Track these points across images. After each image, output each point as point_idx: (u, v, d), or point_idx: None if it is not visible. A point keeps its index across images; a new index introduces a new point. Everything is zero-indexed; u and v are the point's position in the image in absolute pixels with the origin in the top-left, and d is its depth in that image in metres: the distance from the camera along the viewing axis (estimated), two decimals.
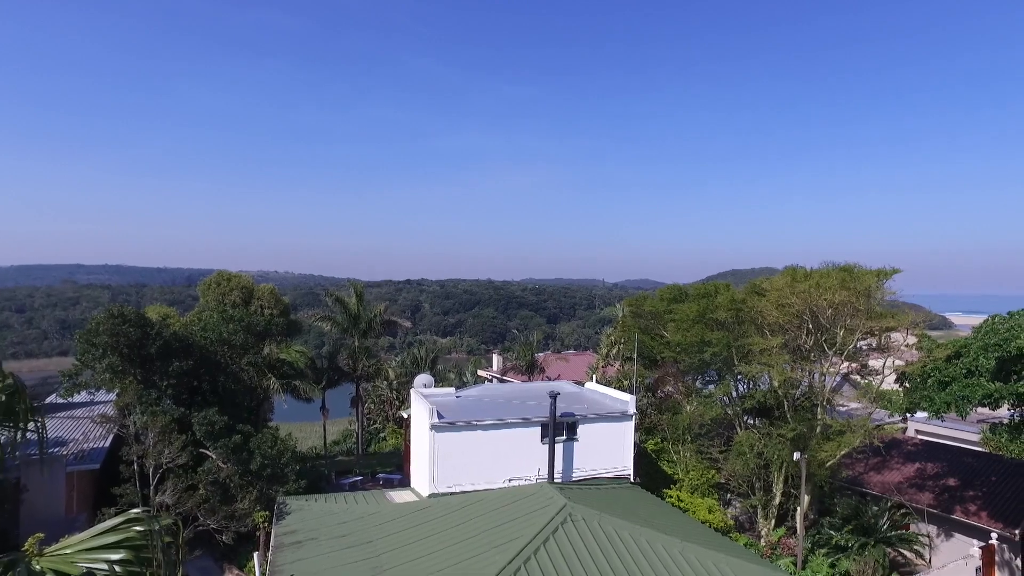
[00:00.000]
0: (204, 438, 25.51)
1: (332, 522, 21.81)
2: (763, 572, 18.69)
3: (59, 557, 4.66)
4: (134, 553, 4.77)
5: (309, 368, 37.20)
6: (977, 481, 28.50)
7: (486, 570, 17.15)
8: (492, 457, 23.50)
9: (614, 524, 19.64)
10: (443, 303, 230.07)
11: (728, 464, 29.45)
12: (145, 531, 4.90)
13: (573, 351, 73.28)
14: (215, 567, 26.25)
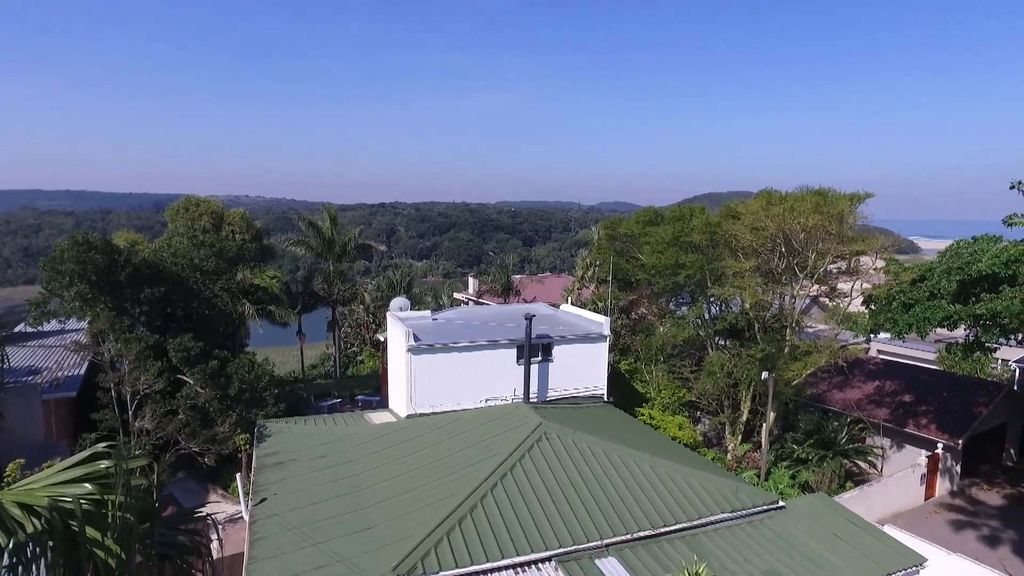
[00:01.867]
0: (180, 364, 25.50)
1: (312, 443, 22.24)
2: (728, 484, 19.64)
3: (25, 491, 4.66)
4: (100, 488, 4.79)
5: (284, 293, 36.98)
6: (930, 397, 29.90)
7: (464, 486, 17.77)
8: (468, 378, 23.89)
9: (588, 441, 20.32)
10: (418, 226, 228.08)
11: (699, 383, 30.40)
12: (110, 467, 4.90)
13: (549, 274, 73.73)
14: (199, 488, 26.88)
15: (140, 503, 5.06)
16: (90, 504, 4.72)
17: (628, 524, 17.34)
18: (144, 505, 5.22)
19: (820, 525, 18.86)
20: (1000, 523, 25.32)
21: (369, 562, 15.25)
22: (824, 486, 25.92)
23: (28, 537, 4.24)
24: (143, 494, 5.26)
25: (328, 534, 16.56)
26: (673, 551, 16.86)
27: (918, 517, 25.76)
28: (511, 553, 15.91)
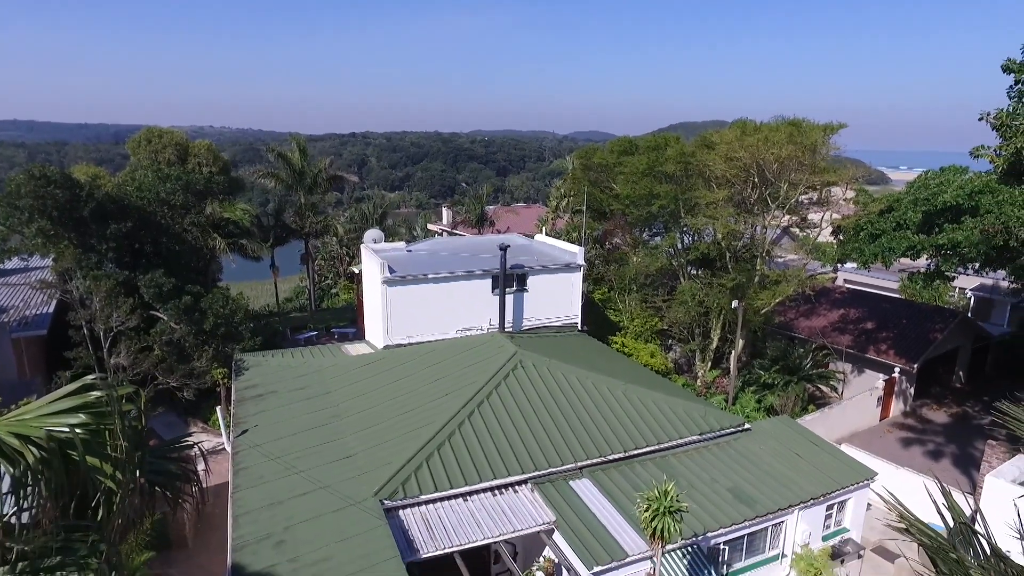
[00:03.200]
0: (153, 300, 25.24)
1: (290, 375, 22.48)
2: (697, 408, 20.47)
3: (19, 422, 4.73)
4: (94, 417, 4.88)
5: (255, 226, 36.38)
6: (890, 324, 31.04)
7: (441, 414, 18.27)
8: (444, 309, 24.11)
9: (562, 369, 20.87)
10: (390, 156, 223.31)
11: (670, 312, 31.08)
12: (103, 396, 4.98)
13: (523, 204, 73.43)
14: (179, 422, 27.15)
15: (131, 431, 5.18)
16: (86, 433, 4.82)
17: (601, 448, 18.08)
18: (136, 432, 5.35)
19: (783, 445, 19.88)
20: (944, 439, 26.94)
21: (351, 488, 15.78)
22: (788, 409, 27.12)
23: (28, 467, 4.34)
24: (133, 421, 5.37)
25: (310, 462, 17.02)
26: (644, 472, 17.71)
27: (873, 436, 27.23)
28: (488, 477, 16.57)
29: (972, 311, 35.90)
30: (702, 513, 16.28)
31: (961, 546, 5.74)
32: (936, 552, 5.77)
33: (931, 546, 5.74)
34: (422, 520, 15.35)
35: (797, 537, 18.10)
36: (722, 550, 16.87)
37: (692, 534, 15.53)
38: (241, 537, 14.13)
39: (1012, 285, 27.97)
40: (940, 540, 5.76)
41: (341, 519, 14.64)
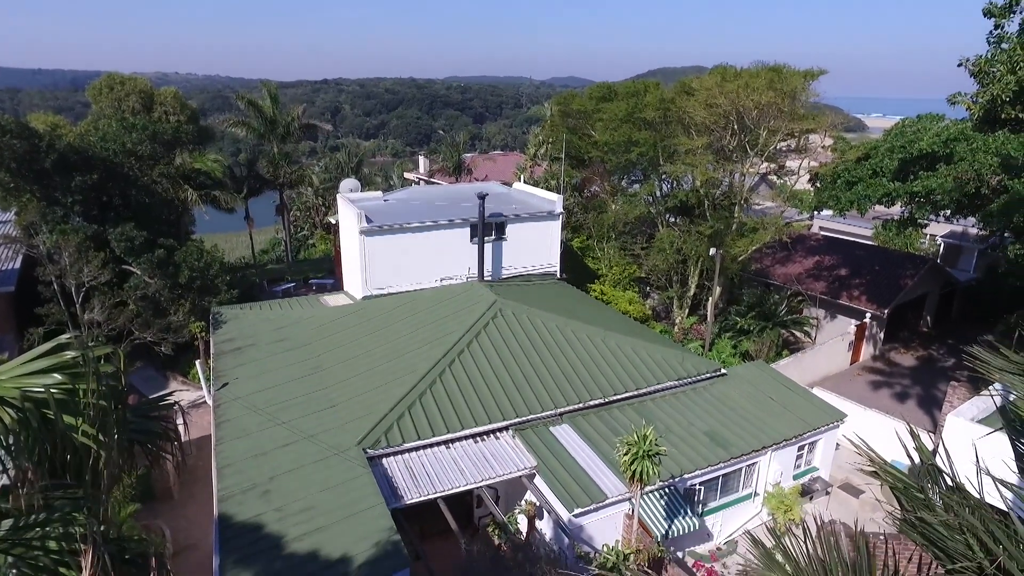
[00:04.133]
0: (125, 254, 24.72)
1: (269, 328, 22.36)
2: (674, 354, 20.84)
3: None
4: (70, 377, 4.81)
5: (227, 177, 35.54)
6: (863, 270, 31.60)
7: (422, 364, 18.39)
8: (423, 258, 23.99)
9: (541, 317, 21.02)
10: (364, 104, 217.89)
11: (649, 260, 31.28)
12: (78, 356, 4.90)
13: (500, 152, 72.53)
14: (158, 376, 27.02)
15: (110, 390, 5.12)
16: (62, 393, 4.76)
17: (581, 394, 18.40)
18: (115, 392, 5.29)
19: (757, 389, 20.40)
20: (910, 381, 27.86)
21: (334, 438, 15.94)
22: (763, 354, 27.73)
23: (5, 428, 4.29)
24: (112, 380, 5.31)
25: (292, 414, 17.11)
26: (623, 417, 18.11)
27: (844, 379, 28.05)
28: (470, 424, 16.83)
29: (941, 258, 36.64)
30: (679, 456, 16.77)
31: (926, 483, 5.98)
32: (902, 491, 6.01)
33: (898, 486, 5.98)
34: (405, 468, 15.62)
35: (769, 476, 18.79)
36: (698, 490, 17.46)
37: (669, 476, 16.03)
38: (226, 488, 14.27)
39: (980, 232, 28.52)
40: (906, 479, 5.99)
41: (325, 468, 14.83)
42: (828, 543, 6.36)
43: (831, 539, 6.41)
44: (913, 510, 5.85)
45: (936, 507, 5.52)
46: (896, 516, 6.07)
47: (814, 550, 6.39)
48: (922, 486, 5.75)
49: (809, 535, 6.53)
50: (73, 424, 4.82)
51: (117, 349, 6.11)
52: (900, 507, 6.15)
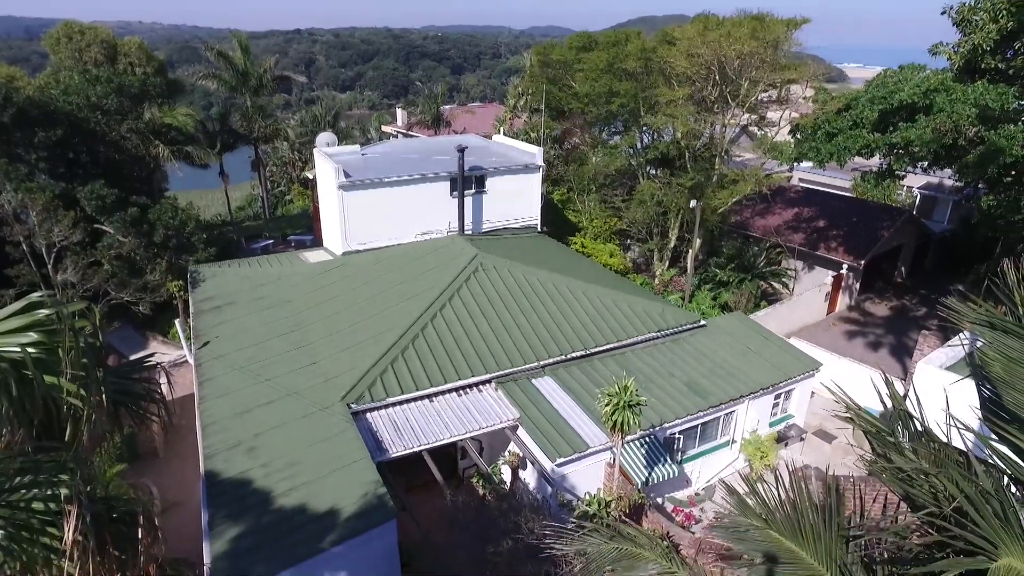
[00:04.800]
0: (96, 213, 24.14)
1: (248, 286, 22.16)
2: (655, 306, 21.06)
3: None
4: (47, 335, 4.73)
5: (200, 132, 34.60)
6: (841, 222, 31.89)
7: (404, 319, 18.40)
8: (402, 213, 23.76)
9: (523, 270, 21.05)
10: (339, 55, 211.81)
11: (629, 212, 31.27)
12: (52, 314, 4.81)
13: (479, 103, 71.22)
14: (137, 335, 26.77)
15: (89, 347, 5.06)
16: (40, 352, 4.69)
17: (562, 346, 18.59)
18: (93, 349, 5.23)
19: (735, 340, 20.76)
20: (884, 331, 28.51)
21: (318, 394, 16.02)
22: (742, 306, 28.13)
23: None
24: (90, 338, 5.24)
25: (275, 371, 17.12)
26: (604, 368, 18.37)
27: (820, 329, 28.61)
28: (453, 378, 16.98)
29: (917, 209, 37.04)
30: (659, 406, 17.12)
31: (897, 428, 6.18)
32: (875, 436, 6.21)
33: (871, 431, 6.17)
34: (390, 422, 15.79)
35: (747, 424, 19.30)
36: (677, 439, 17.92)
37: (650, 425, 16.39)
38: (212, 446, 14.35)
39: (955, 183, 28.80)
40: (879, 425, 6.18)
41: (310, 424, 14.94)
42: (799, 487, 6.59)
43: (802, 483, 6.64)
44: (883, 453, 6.06)
45: (905, 450, 5.72)
46: (867, 459, 6.28)
47: (786, 495, 6.62)
48: (892, 430, 5.94)
49: (781, 481, 6.76)
50: (54, 383, 4.76)
51: (92, 306, 6.01)
52: (871, 450, 6.37)
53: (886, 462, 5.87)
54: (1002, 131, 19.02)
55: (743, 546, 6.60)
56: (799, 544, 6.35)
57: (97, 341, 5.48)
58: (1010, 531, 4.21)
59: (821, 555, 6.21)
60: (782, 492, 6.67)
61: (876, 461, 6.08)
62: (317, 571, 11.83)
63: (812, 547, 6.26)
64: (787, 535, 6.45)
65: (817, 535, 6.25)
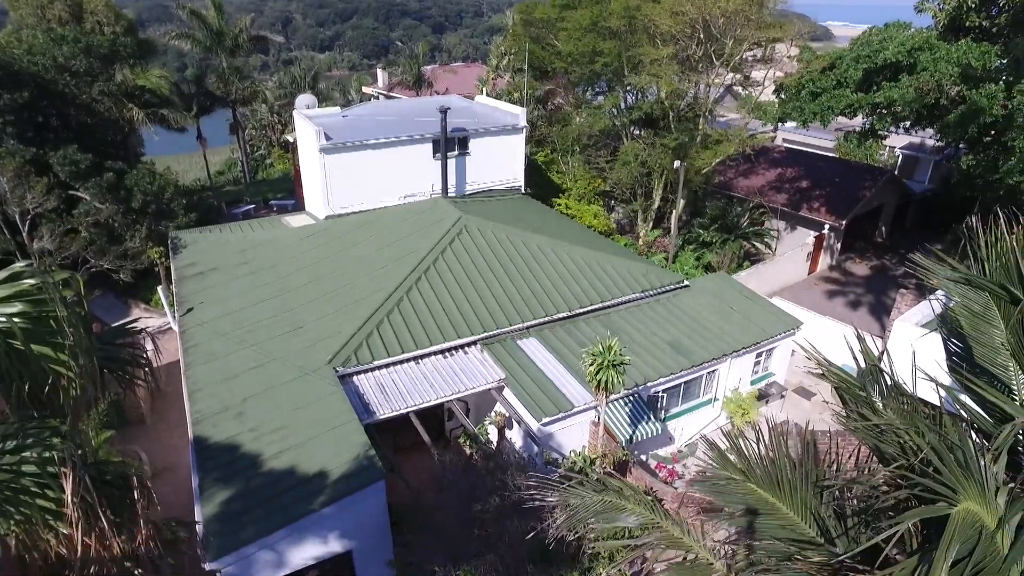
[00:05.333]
0: (70, 179, 23.63)
1: (231, 251, 21.98)
2: (639, 267, 21.21)
3: None
4: (32, 305, 4.72)
5: (175, 94, 33.75)
6: (824, 182, 32.06)
7: (389, 282, 18.40)
8: (385, 175, 23.54)
9: (507, 232, 21.04)
10: (316, 13, 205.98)
11: (613, 173, 31.19)
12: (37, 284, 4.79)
13: (462, 63, 69.99)
14: (119, 303, 26.53)
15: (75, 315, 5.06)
16: (26, 322, 4.68)
17: (547, 307, 18.74)
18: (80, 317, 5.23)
19: (718, 300, 21.02)
20: (863, 290, 29.01)
21: (304, 358, 16.08)
22: (725, 266, 28.39)
23: None
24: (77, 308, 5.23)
25: (260, 336, 17.13)
26: (588, 329, 18.58)
27: (801, 289, 29.02)
28: (439, 340, 17.10)
29: (899, 169, 37.27)
30: (643, 365, 17.40)
31: (869, 384, 6.39)
32: (846, 391, 6.42)
33: (842, 386, 6.38)
34: (376, 384, 15.93)
35: (729, 382, 19.70)
36: (661, 397, 18.28)
37: (634, 384, 16.68)
38: (199, 411, 14.43)
39: (937, 143, 28.98)
40: (850, 380, 6.38)
41: (297, 388, 15.04)
42: (777, 442, 6.83)
43: (780, 439, 6.87)
44: (856, 409, 6.28)
45: (876, 405, 5.93)
46: (840, 415, 6.51)
47: (765, 450, 6.86)
48: (864, 386, 6.14)
49: (761, 436, 6.99)
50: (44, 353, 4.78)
51: (75, 275, 5.99)
52: (844, 406, 6.59)
53: (858, 417, 6.08)
54: (983, 90, 19.12)
55: (723, 499, 6.85)
56: (777, 496, 6.60)
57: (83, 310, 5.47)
58: (970, 478, 4.42)
59: (797, 506, 6.48)
60: (762, 447, 6.91)
61: (849, 417, 6.30)
62: (309, 531, 12.08)
63: (789, 499, 6.52)
64: (766, 488, 6.71)
65: (794, 487, 6.51)
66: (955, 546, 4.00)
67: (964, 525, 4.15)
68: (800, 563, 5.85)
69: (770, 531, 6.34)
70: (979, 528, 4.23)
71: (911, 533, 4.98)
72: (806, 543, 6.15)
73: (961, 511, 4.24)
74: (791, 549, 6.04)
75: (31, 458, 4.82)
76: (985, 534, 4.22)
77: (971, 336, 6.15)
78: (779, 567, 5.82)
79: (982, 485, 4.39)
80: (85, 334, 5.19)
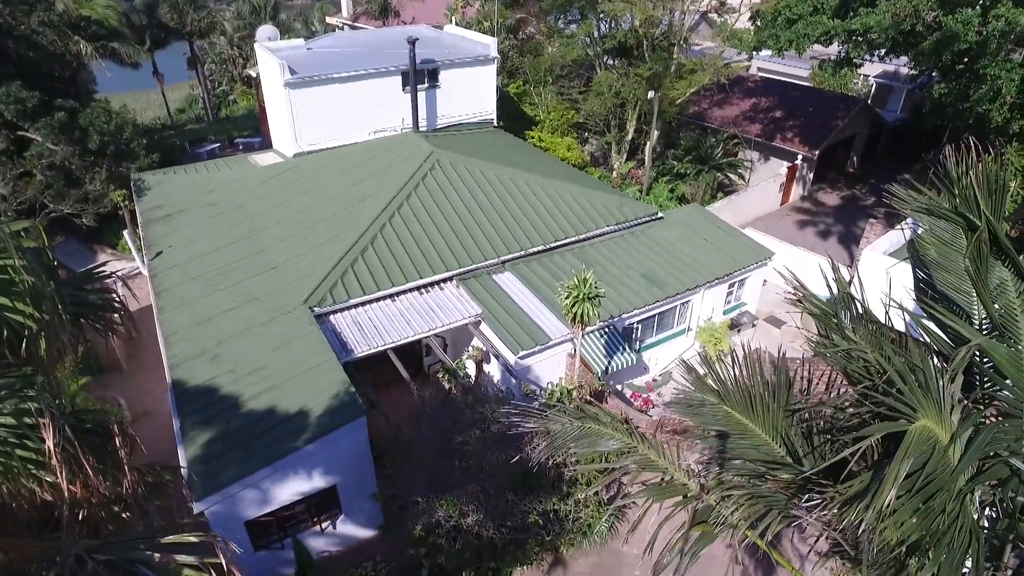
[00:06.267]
0: (17, 119, 22.46)
1: (198, 192, 21.39)
2: (613, 199, 21.17)
3: None
4: None
5: (125, 26, 31.89)
6: (797, 112, 31.91)
7: (362, 220, 18.15)
8: (354, 110, 22.86)
9: (480, 166, 20.75)
10: None
11: (587, 104, 30.68)
12: None
13: None
14: (83, 249, 25.82)
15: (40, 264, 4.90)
16: None
17: (522, 241, 18.73)
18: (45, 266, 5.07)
19: (692, 231, 21.18)
20: (834, 220, 29.42)
21: (279, 299, 15.96)
22: (698, 197, 28.46)
23: None
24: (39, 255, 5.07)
25: (233, 278, 16.91)
26: (563, 262, 18.67)
27: (774, 220, 29.32)
28: (414, 277, 17.07)
29: (872, 98, 37.14)
30: (618, 297, 17.61)
31: (841, 311, 6.57)
32: (819, 317, 6.60)
33: (817, 313, 6.54)
34: (353, 323, 15.95)
35: (702, 312, 20.09)
36: (636, 328, 18.61)
37: (609, 316, 16.92)
38: (175, 355, 14.36)
39: (910, 71, 28.85)
40: (823, 307, 6.55)
41: (273, 329, 14.99)
42: (752, 367, 7.03)
43: (755, 364, 7.08)
44: (826, 334, 6.47)
45: (846, 330, 6.11)
46: (812, 340, 6.70)
47: (739, 373, 7.07)
48: (835, 311, 6.31)
49: (737, 361, 7.19)
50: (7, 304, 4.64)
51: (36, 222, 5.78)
52: (816, 331, 6.79)
53: (829, 342, 6.28)
54: (959, 15, 18.94)
55: (698, 419, 7.10)
56: (750, 418, 6.86)
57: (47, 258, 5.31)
58: (929, 397, 4.63)
59: (768, 427, 6.75)
60: (736, 371, 7.13)
61: (820, 342, 6.50)
62: (292, 469, 12.30)
63: (762, 421, 6.78)
64: (739, 410, 6.96)
65: (766, 408, 6.76)
66: (910, 459, 4.23)
67: (920, 440, 4.37)
68: (771, 481, 6.14)
69: (742, 452, 6.62)
70: (933, 443, 4.47)
71: (873, 450, 5.24)
72: (776, 463, 6.45)
73: (918, 427, 4.46)
74: (761, 469, 6.32)
75: (6, 410, 4.76)
76: (938, 448, 4.46)
77: (937, 264, 6.31)
78: (750, 486, 6.10)
79: (939, 404, 4.61)
80: (50, 281, 5.04)
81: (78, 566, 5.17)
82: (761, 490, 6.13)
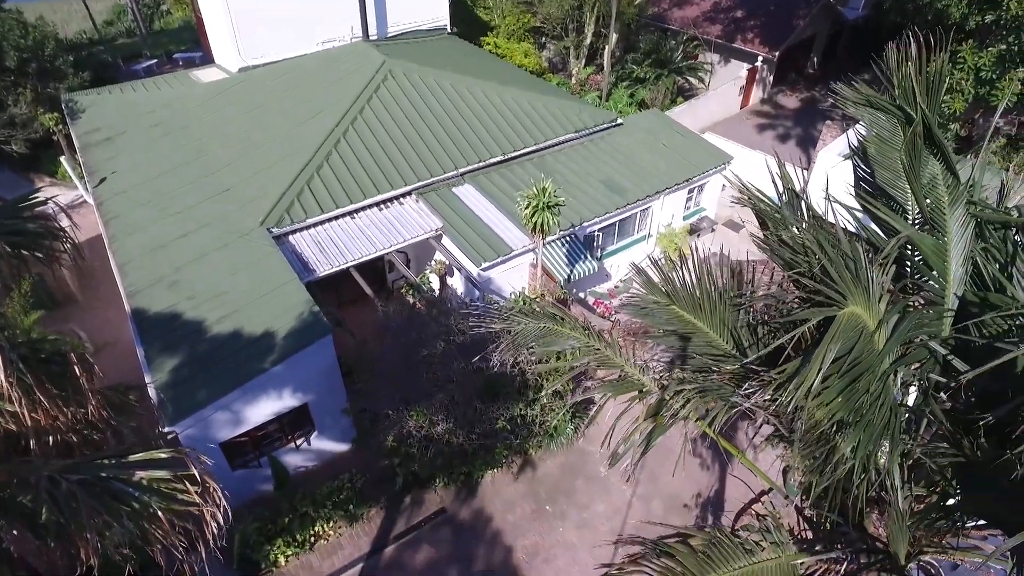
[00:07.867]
0: None
1: (138, 113, 20.35)
2: (571, 106, 20.81)
3: None
4: None
5: None
6: (759, 11, 31.13)
7: (315, 136, 17.58)
8: (299, 18, 21.68)
9: (434, 75, 20.07)
10: None
11: (543, 8, 29.52)
12: None
13: None
14: (19, 179, 24.58)
15: None
16: None
17: (480, 152, 18.47)
18: None
19: (652, 137, 21.07)
20: (793, 123, 29.47)
21: (234, 222, 15.65)
22: (659, 102, 28.11)
23: None
24: None
25: (185, 202, 16.45)
26: (523, 172, 18.54)
27: (733, 124, 29.24)
28: (372, 193, 16.83)
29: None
30: (578, 205, 17.66)
31: (788, 210, 6.76)
32: (766, 215, 6.79)
33: (763, 210, 6.73)
34: (313, 242, 15.79)
35: (662, 218, 20.33)
36: (597, 236, 18.81)
37: (569, 225, 17.03)
38: (132, 284, 14.12)
39: None
40: (769, 204, 6.73)
41: (231, 253, 14.77)
42: (700, 268, 7.27)
43: (703, 264, 7.32)
44: (773, 231, 6.69)
45: (790, 225, 6.32)
46: (759, 238, 6.92)
47: (688, 275, 7.31)
48: (781, 209, 6.50)
49: (685, 263, 7.41)
50: None
51: None
52: (763, 229, 7.00)
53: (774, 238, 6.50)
54: None
55: (650, 320, 7.39)
56: (698, 317, 7.16)
57: None
58: (859, 285, 4.90)
59: (716, 325, 7.06)
60: (685, 273, 7.37)
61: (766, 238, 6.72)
62: (262, 389, 12.47)
63: (709, 319, 7.09)
64: (688, 309, 7.25)
65: (713, 306, 7.05)
66: (838, 342, 4.53)
67: (847, 326, 4.67)
68: (716, 374, 6.49)
69: (692, 348, 6.95)
70: (861, 328, 4.77)
71: (809, 338, 5.56)
72: (723, 356, 6.80)
73: (847, 313, 4.75)
74: (708, 362, 6.67)
75: None
76: (865, 334, 4.77)
77: (877, 161, 6.49)
78: (696, 379, 6.45)
79: (868, 292, 4.89)
80: None
81: (52, 487, 5.31)
82: (709, 382, 6.49)
